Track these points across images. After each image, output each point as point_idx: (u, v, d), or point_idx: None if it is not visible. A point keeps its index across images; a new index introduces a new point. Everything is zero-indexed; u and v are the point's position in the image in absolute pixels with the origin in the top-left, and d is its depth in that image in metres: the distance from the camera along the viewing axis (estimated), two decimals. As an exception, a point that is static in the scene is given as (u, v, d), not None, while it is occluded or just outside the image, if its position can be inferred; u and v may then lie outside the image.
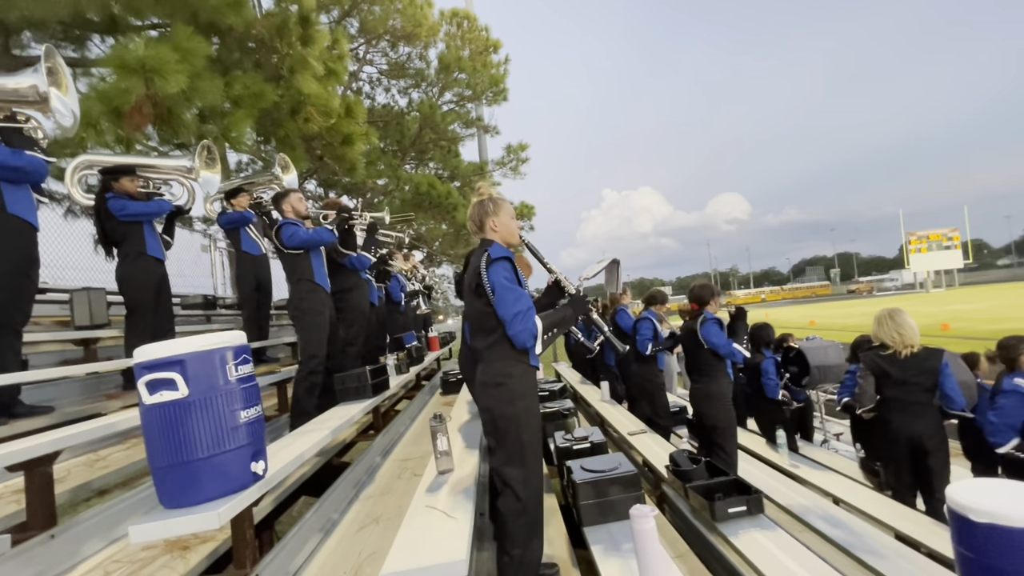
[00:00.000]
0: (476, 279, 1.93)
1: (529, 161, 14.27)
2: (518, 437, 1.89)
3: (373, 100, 13.13)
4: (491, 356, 1.94)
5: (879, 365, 3.29)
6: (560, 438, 3.04)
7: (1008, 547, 1.60)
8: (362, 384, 3.27)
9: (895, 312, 3.28)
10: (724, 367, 3.64)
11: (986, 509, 1.63)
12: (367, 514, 2.58)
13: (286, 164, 5.19)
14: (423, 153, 13.84)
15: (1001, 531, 1.60)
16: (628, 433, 3.88)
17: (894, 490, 3.43)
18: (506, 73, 12.89)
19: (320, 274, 3.63)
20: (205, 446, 1.57)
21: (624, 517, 2.24)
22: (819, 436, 5.53)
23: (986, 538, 1.63)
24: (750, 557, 2.07)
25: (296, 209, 3.64)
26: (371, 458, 3.40)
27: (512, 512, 1.87)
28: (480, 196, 2.13)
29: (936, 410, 3.17)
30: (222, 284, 9.17)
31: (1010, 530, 1.59)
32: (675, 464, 2.79)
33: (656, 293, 5.13)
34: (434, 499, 2.03)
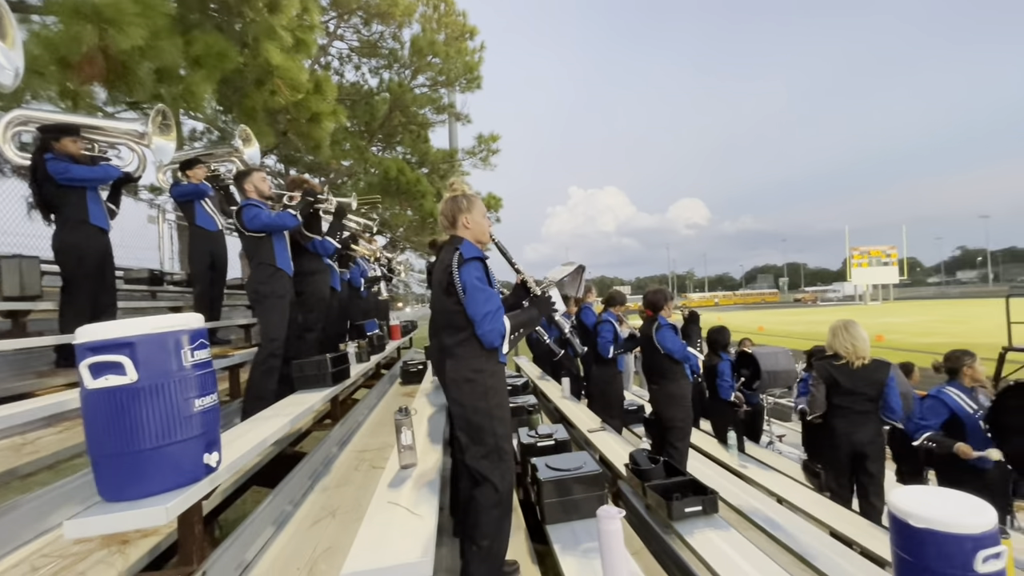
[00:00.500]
0: (447, 278, 1.93)
1: (499, 152, 14.18)
2: (493, 431, 1.92)
3: (342, 77, 12.66)
4: (461, 353, 1.95)
5: (831, 374, 3.46)
6: (524, 434, 3.04)
7: (942, 551, 1.71)
8: (322, 372, 3.16)
9: (850, 324, 3.45)
10: (682, 369, 3.74)
11: (924, 515, 1.73)
12: (323, 507, 2.50)
13: (247, 137, 4.93)
14: (391, 136, 13.49)
15: (937, 536, 1.71)
16: (588, 430, 3.93)
17: (833, 491, 3.63)
18: (481, 60, 12.71)
19: (282, 257, 3.47)
20: (154, 435, 1.46)
21: (586, 515, 2.27)
22: (765, 438, 5.80)
23: (923, 542, 1.74)
24: (705, 556, 2.13)
25: (259, 189, 3.46)
26: (328, 448, 3.29)
27: (489, 503, 1.89)
28: (454, 192, 2.13)
29: (878, 419, 3.37)
30: (170, 259, 8.66)
31: (945, 535, 1.69)
32: (635, 463, 2.83)
33: (615, 294, 5.18)
34: (396, 495, 1.98)
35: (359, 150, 11.08)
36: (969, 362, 3.47)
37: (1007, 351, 7.86)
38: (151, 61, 4.17)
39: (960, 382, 3.46)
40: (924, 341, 19.96)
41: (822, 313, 41.94)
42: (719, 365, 4.97)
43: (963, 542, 1.67)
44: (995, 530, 1.67)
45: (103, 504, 1.43)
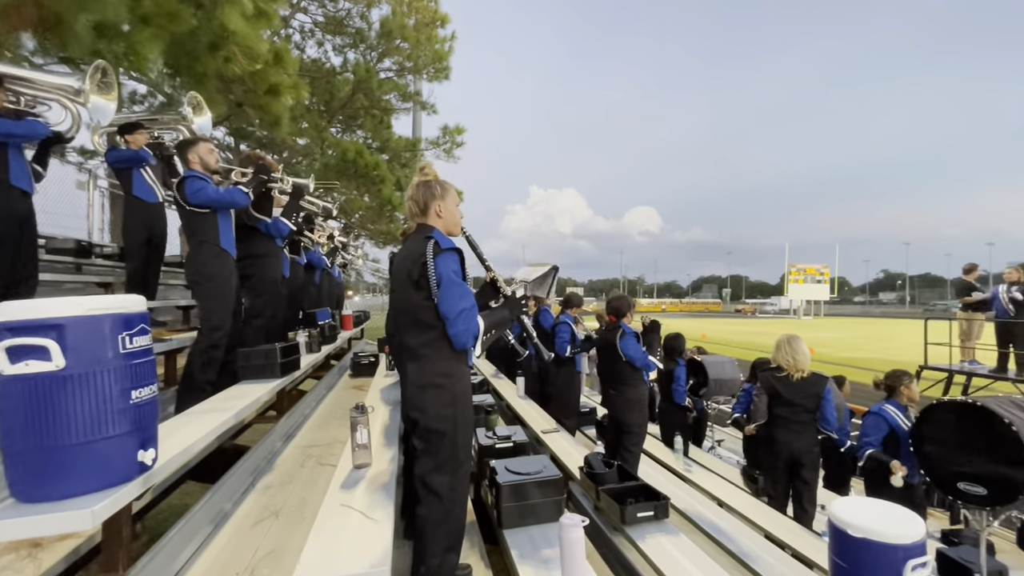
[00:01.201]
0: (420, 269, 1.75)
1: (464, 146, 14.01)
2: (453, 442, 1.77)
3: (303, 51, 12.08)
4: (428, 354, 1.79)
5: (773, 385, 3.63)
6: (483, 435, 3.00)
7: (875, 559, 1.81)
8: (271, 362, 2.98)
9: (793, 339, 3.63)
10: (641, 375, 3.81)
11: (861, 525, 1.83)
12: (265, 506, 2.36)
13: (198, 104, 4.57)
14: (353, 119, 13.01)
15: (871, 545, 1.81)
16: (542, 431, 3.94)
17: (770, 496, 3.82)
18: (451, 51, 12.47)
19: (227, 237, 3.24)
20: (81, 430, 1.31)
21: (544, 520, 2.26)
22: (707, 442, 6.03)
23: (858, 550, 1.84)
24: (656, 561, 2.17)
25: (205, 161, 3.20)
26: (272, 443, 3.12)
27: (434, 521, 1.76)
28: (426, 176, 1.96)
29: (815, 429, 3.57)
30: (99, 229, 7.96)
31: (878, 544, 1.79)
32: (589, 466, 2.86)
33: (572, 296, 5.25)
34: (350, 496, 1.89)
35: (317, 129, 10.61)
36: (907, 382, 3.74)
37: (923, 369, 8.59)
38: (90, 14, 3.78)
39: (898, 400, 3.72)
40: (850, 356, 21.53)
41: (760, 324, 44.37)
42: (675, 371, 5.12)
43: (895, 551, 1.77)
44: (923, 540, 1.78)
45: (16, 505, 1.27)
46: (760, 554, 2.88)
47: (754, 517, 3.53)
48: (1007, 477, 2.79)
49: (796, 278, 57.97)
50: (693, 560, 2.20)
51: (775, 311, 66.42)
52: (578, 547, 1.54)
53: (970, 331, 8.28)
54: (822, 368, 4.09)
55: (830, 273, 59.62)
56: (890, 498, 3.45)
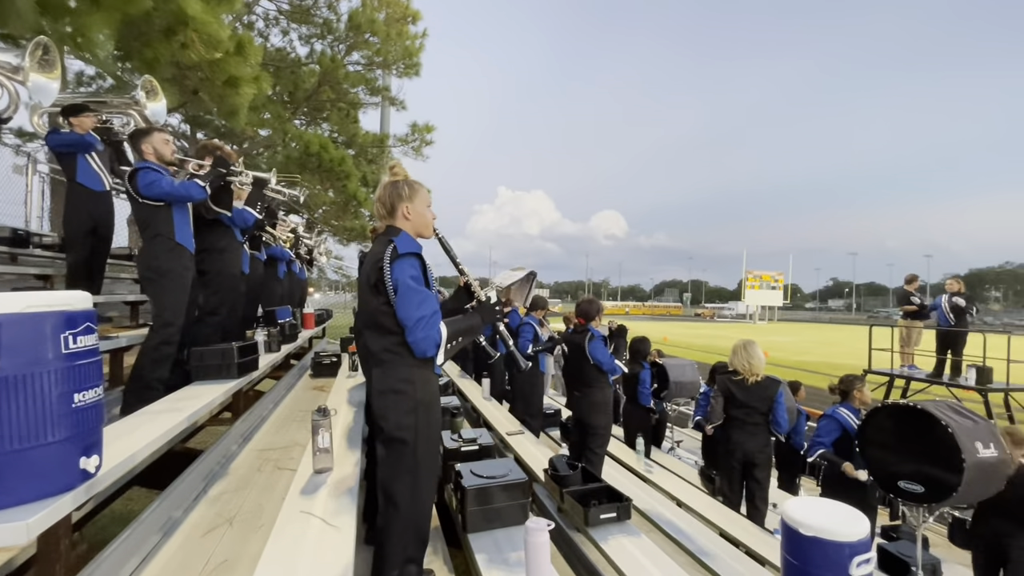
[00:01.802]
0: (376, 274, 1.71)
1: (433, 144, 13.87)
2: (413, 450, 1.71)
3: (267, 39, 11.69)
4: (390, 359, 1.74)
5: (729, 388, 3.76)
6: (448, 438, 2.97)
7: (824, 557, 1.89)
8: (227, 362, 2.86)
9: (749, 344, 3.77)
10: (607, 378, 3.86)
11: (812, 524, 1.90)
12: (218, 513, 2.26)
13: (153, 89, 4.33)
14: (318, 111, 12.67)
15: (820, 543, 1.89)
16: (507, 433, 3.94)
17: (725, 496, 3.95)
18: (422, 47, 12.33)
19: (183, 231, 3.09)
20: (17, 436, 1.22)
21: (509, 523, 2.26)
22: (667, 443, 6.18)
23: (808, 548, 1.92)
24: (617, 562, 2.21)
25: (159, 152, 3.05)
26: (226, 446, 2.99)
27: (393, 531, 1.71)
28: (395, 176, 1.90)
29: (767, 431, 3.71)
30: (38, 217, 7.45)
31: (827, 542, 1.88)
32: (554, 469, 2.88)
33: (538, 299, 5.32)
34: (310, 503, 1.83)
35: (280, 120, 10.27)
36: (859, 386, 3.95)
37: (867, 373, 9.07)
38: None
39: (851, 403, 3.92)
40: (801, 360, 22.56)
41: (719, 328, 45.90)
42: (640, 373, 5.22)
43: (842, 549, 1.86)
44: (867, 538, 1.88)
45: (-62, 518, 1.17)
46: (716, 552, 2.97)
47: (710, 516, 3.63)
48: (942, 477, 2.98)
49: (753, 284, 60.34)
50: (653, 560, 2.25)
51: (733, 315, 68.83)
52: (543, 551, 1.55)
53: (909, 337, 8.82)
54: (776, 371, 4.26)
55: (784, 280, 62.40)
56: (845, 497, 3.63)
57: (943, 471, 2.96)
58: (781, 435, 3.68)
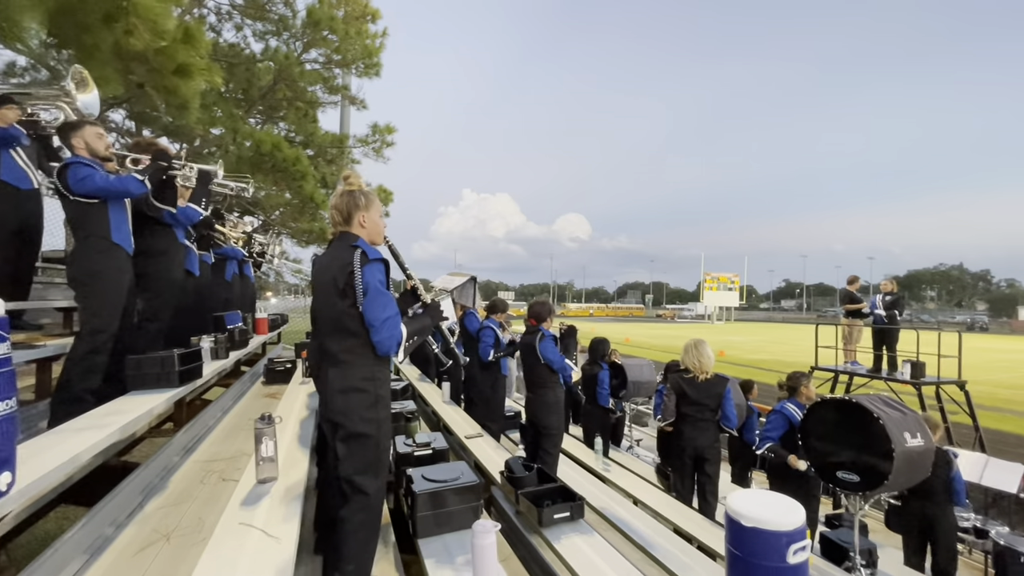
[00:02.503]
0: (347, 278, 1.80)
1: (394, 146, 13.67)
2: (377, 444, 1.83)
3: (219, 35, 11.24)
4: (351, 360, 1.83)
5: (680, 386, 3.87)
6: (401, 443, 2.92)
7: (764, 545, 1.97)
8: (167, 370, 2.72)
9: (699, 342, 3.89)
10: (558, 378, 3.91)
11: (751, 515, 1.98)
12: (155, 529, 2.14)
13: (83, 80, 4.08)
14: (274, 110, 12.27)
15: (760, 533, 1.97)
16: (465, 436, 3.92)
17: (678, 492, 4.06)
18: (382, 47, 12.13)
19: (120, 230, 2.92)
20: (-90, 454, 1.12)
21: (460, 527, 2.24)
22: (626, 442, 6.30)
23: (749, 538, 1.99)
24: (569, 560, 2.23)
25: (92, 147, 2.88)
26: (167, 458, 2.85)
27: (357, 523, 1.78)
28: (350, 186, 1.99)
29: (717, 427, 3.84)
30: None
31: (766, 532, 1.96)
32: (509, 470, 2.88)
33: (497, 302, 5.29)
34: (251, 514, 1.76)
35: (232, 118, 9.89)
36: (805, 382, 4.14)
37: (814, 370, 9.52)
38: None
39: (798, 399, 4.10)
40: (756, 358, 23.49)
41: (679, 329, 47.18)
42: (599, 374, 5.29)
43: (779, 538, 1.94)
44: (803, 526, 1.97)
45: None
46: (668, 548, 3.04)
47: (665, 512, 3.72)
48: (875, 465, 3.16)
49: (711, 286, 62.40)
50: (605, 558, 2.28)
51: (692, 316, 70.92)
52: (489, 553, 1.54)
53: (851, 335, 9.32)
54: (732, 370, 4.42)
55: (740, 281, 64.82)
56: (790, 488, 3.80)
57: (876, 460, 3.14)
58: (730, 430, 3.81)
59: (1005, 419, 12.87)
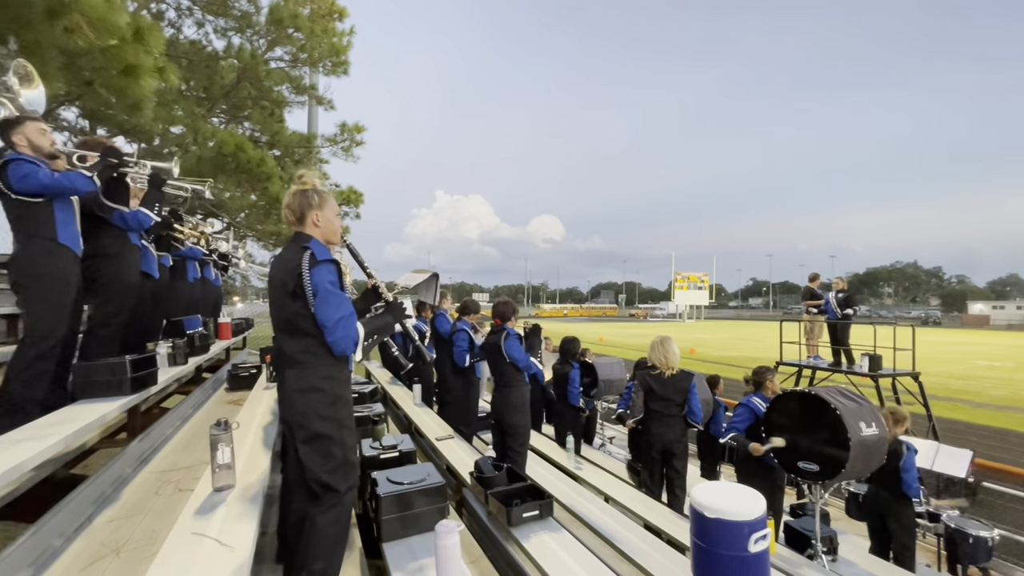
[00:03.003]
0: (295, 280, 1.78)
1: (364, 145, 13.47)
2: (340, 443, 1.81)
3: (179, 31, 10.88)
4: (307, 360, 1.81)
5: (648, 382, 3.93)
6: (367, 446, 2.87)
7: (726, 536, 2.01)
8: (118, 377, 2.60)
9: (665, 339, 3.96)
10: (523, 377, 3.93)
11: (715, 507, 2.02)
12: (104, 543, 2.04)
13: (27, 76, 3.88)
14: (238, 109, 11.93)
15: (722, 524, 2.01)
16: (436, 438, 3.88)
17: (648, 487, 4.11)
18: (349, 45, 11.94)
19: (67, 231, 2.78)
20: None
21: (427, 529, 2.21)
22: (598, 440, 6.35)
23: (712, 529, 2.04)
24: (538, 559, 2.23)
25: (35, 143, 2.74)
26: (120, 469, 2.72)
27: (329, 521, 1.77)
28: (304, 185, 1.97)
29: (683, 422, 3.91)
30: None
31: (728, 523, 2.00)
32: (479, 471, 2.86)
33: (469, 303, 5.21)
34: (205, 523, 1.70)
35: (192, 117, 9.57)
36: (770, 376, 4.25)
37: (779, 365, 9.81)
38: None
39: (763, 393, 4.20)
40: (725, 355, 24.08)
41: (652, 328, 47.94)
42: (570, 373, 5.32)
43: (740, 527, 1.98)
44: (764, 516, 2.02)
45: None
46: (638, 543, 3.07)
47: (635, 508, 3.76)
48: (833, 455, 3.27)
49: (681, 285, 63.71)
50: (573, 555, 2.29)
51: (664, 315, 72.19)
52: (453, 553, 1.53)
53: (812, 331, 9.65)
54: (702, 366, 4.52)
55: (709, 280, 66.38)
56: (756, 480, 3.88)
57: (834, 449, 3.25)
58: (696, 424, 3.89)
59: (956, 408, 13.54)
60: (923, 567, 4.62)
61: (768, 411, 3.79)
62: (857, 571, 3.79)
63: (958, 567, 4.45)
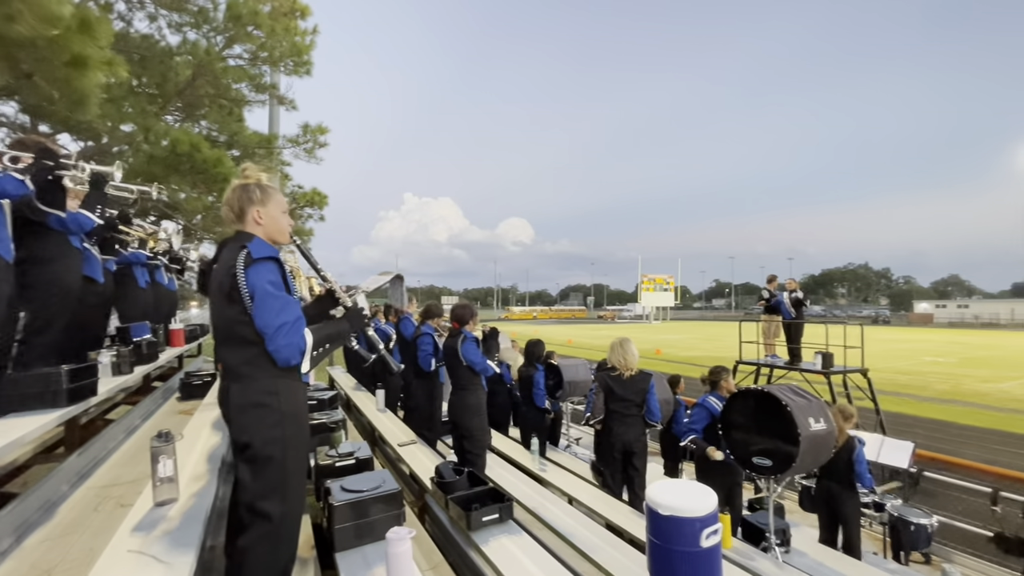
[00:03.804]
0: (230, 281, 1.60)
1: (328, 147, 13.19)
2: (282, 465, 1.64)
3: (129, 24, 10.41)
4: (250, 372, 1.64)
5: (608, 383, 3.99)
6: (323, 454, 2.80)
7: (679, 532, 2.05)
8: (52, 388, 2.45)
9: (624, 341, 4.03)
10: (480, 380, 3.92)
11: (668, 504, 2.07)
12: (34, 564, 1.92)
13: (-39, 71, 3.66)
14: (194, 107, 11.48)
15: (675, 520, 2.05)
16: (398, 444, 3.83)
17: (609, 487, 4.17)
18: (312, 45, 11.68)
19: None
20: None
21: (382, 537, 2.17)
22: (564, 441, 6.40)
23: (666, 526, 2.08)
24: (496, 562, 2.22)
25: None
26: (55, 486, 2.57)
27: (262, 550, 1.61)
28: (245, 179, 1.79)
29: (643, 421, 3.99)
30: None
31: (680, 519, 2.04)
32: (440, 476, 2.84)
33: (432, 307, 5.16)
34: (144, 539, 1.62)
35: (143, 114, 9.16)
36: (725, 376, 4.37)
37: (738, 364, 10.11)
38: None
39: (719, 392, 4.32)
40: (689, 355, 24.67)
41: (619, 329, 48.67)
42: (535, 375, 5.34)
43: (692, 524, 2.03)
44: (715, 511, 2.08)
45: None
46: (599, 543, 3.09)
47: (597, 508, 3.80)
48: (784, 450, 3.39)
49: (647, 287, 64.92)
50: (532, 557, 2.30)
51: (631, 316, 73.39)
52: (405, 560, 1.51)
53: (769, 330, 10.02)
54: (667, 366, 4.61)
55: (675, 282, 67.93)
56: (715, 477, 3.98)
57: (785, 444, 3.37)
58: (655, 423, 3.97)
59: (902, 402, 14.29)
60: (870, 555, 4.84)
61: (724, 410, 3.90)
62: (808, 561, 3.94)
63: (901, 553, 4.69)
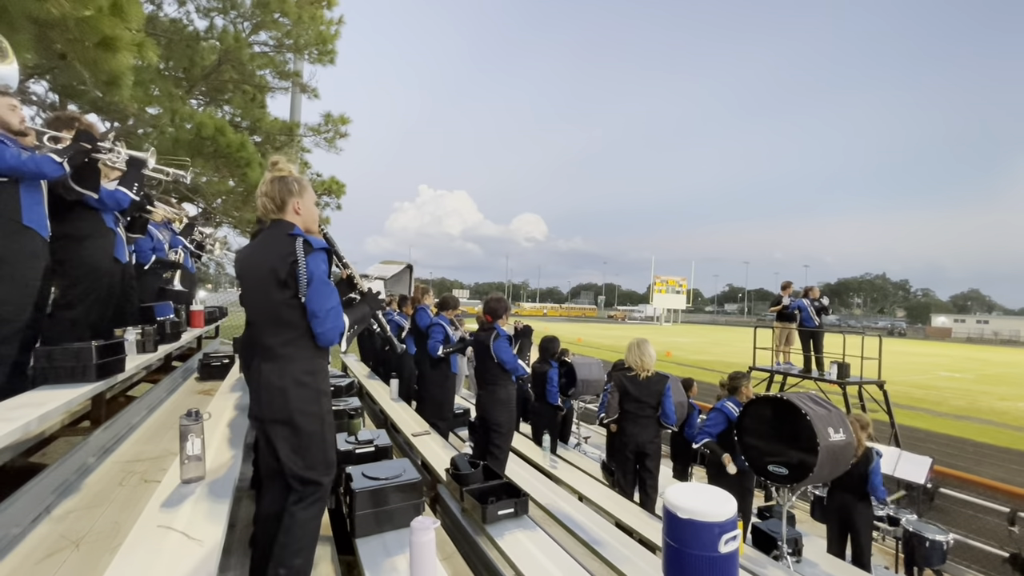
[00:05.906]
0: (289, 268, 1.72)
1: (348, 137, 13.25)
2: (323, 438, 1.79)
3: (159, 8, 10.54)
4: (290, 354, 1.76)
5: (623, 384, 3.97)
6: (343, 440, 2.83)
7: (697, 536, 2.05)
8: (83, 363, 2.50)
9: (642, 341, 4.01)
10: (510, 375, 3.91)
11: (687, 508, 2.05)
12: (63, 534, 1.97)
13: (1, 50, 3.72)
14: (219, 92, 11.61)
15: (694, 524, 2.04)
16: (412, 434, 3.86)
17: (620, 487, 4.16)
18: (337, 34, 11.74)
19: (34, 213, 2.67)
20: None
21: (401, 525, 2.20)
22: (573, 439, 6.40)
23: (684, 529, 2.07)
24: (511, 556, 2.23)
25: (4, 120, 2.61)
26: (82, 458, 2.63)
27: (308, 517, 1.76)
28: (281, 172, 1.91)
29: (657, 423, 3.97)
30: None
31: (699, 523, 2.03)
32: (455, 468, 2.86)
33: (448, 298, 5.23)
34: (172, 516, 1.65)
35: (170, 98, 9.27)
36: (745, 382, 4.34)
37: (751, 370, 10.01)
38: None
39: (737, 398, 4.28)
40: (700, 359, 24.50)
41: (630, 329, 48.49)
42: (549, 372, 5.34)
43: (711, 528, 2.02)
44: (734, 517, 2.06)
45: None
46: (609, 541, 3.10)
47: (608, 507, 3.81)
48: (802, 459, 3.35)
49: (660, 288, 64.56)
50: (547, 552, 2.30)
51: (642, 317, 73.11)
52: (428, 550, 1.52)
53: (782, 337, 9.89)
54: (677, 369, 4.59)
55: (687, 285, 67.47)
56: (726, 483, 3.97)
57: (803, 454, 3.33)
58: (670, 426, 3.95)
59: (917, 416, 14.05)
60: (881, 568, 4.78)
61: (741, 415, 3.87)
62: (819, 572, 3.90)
63: (914, 569, 4.62)
